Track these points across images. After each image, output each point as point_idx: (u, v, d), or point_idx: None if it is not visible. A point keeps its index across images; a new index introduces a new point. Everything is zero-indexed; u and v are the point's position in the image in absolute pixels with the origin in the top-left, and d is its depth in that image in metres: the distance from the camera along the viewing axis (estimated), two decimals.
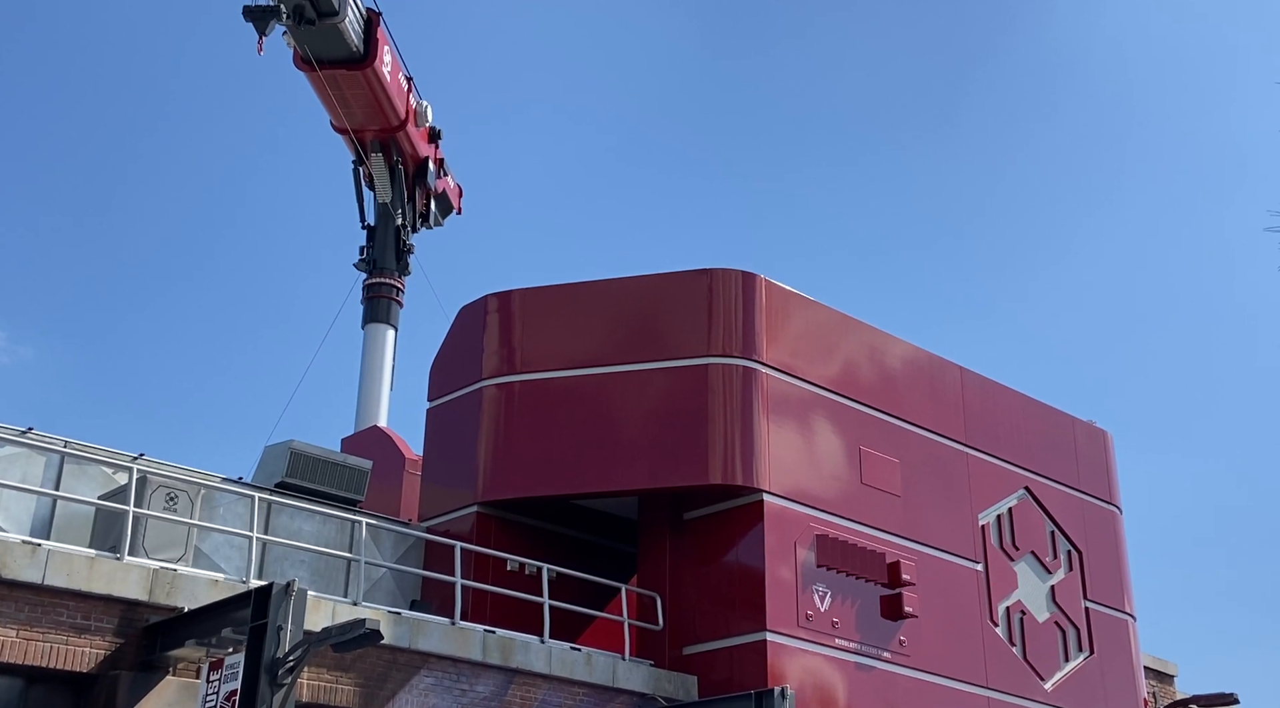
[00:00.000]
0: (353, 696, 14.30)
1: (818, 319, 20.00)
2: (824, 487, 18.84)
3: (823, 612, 18.00)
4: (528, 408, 19.04)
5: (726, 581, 17.91)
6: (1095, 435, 24.37)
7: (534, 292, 19.80)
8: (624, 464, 18.45)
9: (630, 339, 19.13)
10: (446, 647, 15.23)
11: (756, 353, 18.83)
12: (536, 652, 16.08)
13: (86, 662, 12.64)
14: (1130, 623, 23.26)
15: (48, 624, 12.49)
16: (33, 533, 14.79)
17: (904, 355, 21.08)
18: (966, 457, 21.36)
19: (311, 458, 17.89)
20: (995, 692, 20.06)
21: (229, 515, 16.35)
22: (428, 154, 30.73)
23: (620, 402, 18.76)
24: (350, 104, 28.25)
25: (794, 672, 17.19)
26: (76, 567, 12.75)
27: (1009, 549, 21.49)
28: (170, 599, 13.22)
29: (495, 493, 18.73)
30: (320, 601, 14.17)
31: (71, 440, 15.91)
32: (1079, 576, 22.54)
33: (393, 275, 30.54)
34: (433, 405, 20.27)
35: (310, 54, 26.88)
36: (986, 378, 22.44)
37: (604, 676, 16.63)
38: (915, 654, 18.98)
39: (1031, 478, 22.42)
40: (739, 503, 18.19)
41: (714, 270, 19.34)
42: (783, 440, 18.55)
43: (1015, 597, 21.26)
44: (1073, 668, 21.64)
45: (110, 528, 14.71)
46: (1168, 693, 26.60)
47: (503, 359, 19.50)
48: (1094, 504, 23.56)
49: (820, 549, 18.27)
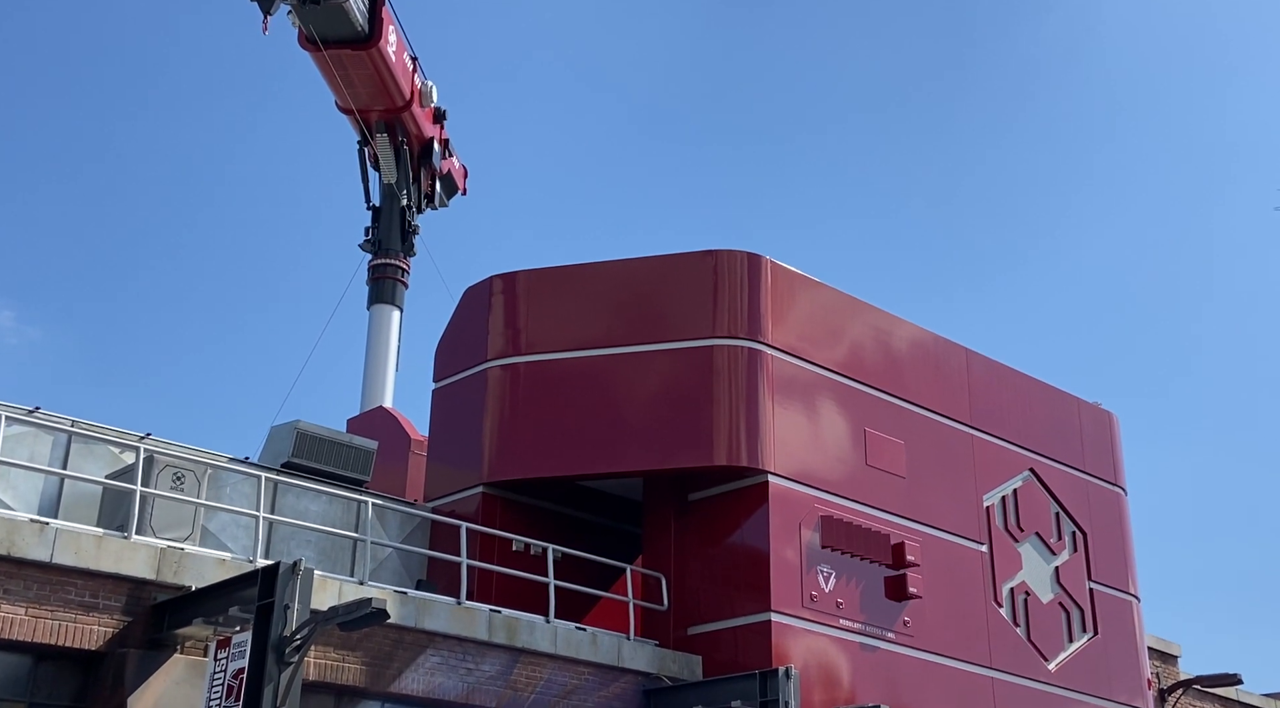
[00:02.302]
0: (359, 674, 14.36)
1: (823, 301, 19.98)
2: (829, 468, 18.86)
3: (827, 593, 18.05)
4: (533, 389, 19.06)
5: (731, 561, 17.96)
6: (1100, 417, 24.35)
7: (539, 273, 19.78)
8: (629, 445, 18.48)
9: (635, 320, 19.12)
10: (452, 626, 15.29)
11: (761, 334, 18.83)
12: (542, 632, 16.15)
13: (95, 639, 12.71)
14: (1134, 604, 23.30)
15: (56, 602, 12.56)
16: (41, 512, 14.84)
17: (909, 337, 21.07)
18: (971, 438, 21.36)
19: (317, 438, 17.93)
20: (999, 672, 20.11)
21: (236, 495, 16.41)
22: (433, 134, 30.66)
23: (625, 383, 18.78)
24: (355, 84, 28.18)
25: (798, 652, 17.25)
26: (84, 545, 12.81)
27: (1013, 531, 21.52)
28: (178, 578, 13.28)
29: (500, 474, 18.78)
30: (327, 580, 14.23)
31: (79, 420, 15.95)
32: (1083, 557, 22.56)
33: (398, 256, 30.53)
34: (438, 386, 20.30)
35: (315, 34, 26.79)
36: (992, 360, 22.42)
37: (609, 655, 16.70)
38: (919, 635, 19.04)
39: (1036, 459, 22.43)
40: (744, 484, 18.22)
41: (719, 252, 19.32)
42: (787, 422, 18.56)
43: (1020, 578, 21.29)
44: (1077, 649, 21.69)
45: (118, 507, 14.78)
46: (1171, 674, 26.65)
47: (508, 340, 19.52)
48: (1099, 486, 23.56)
49: (825, 530, 18.30)
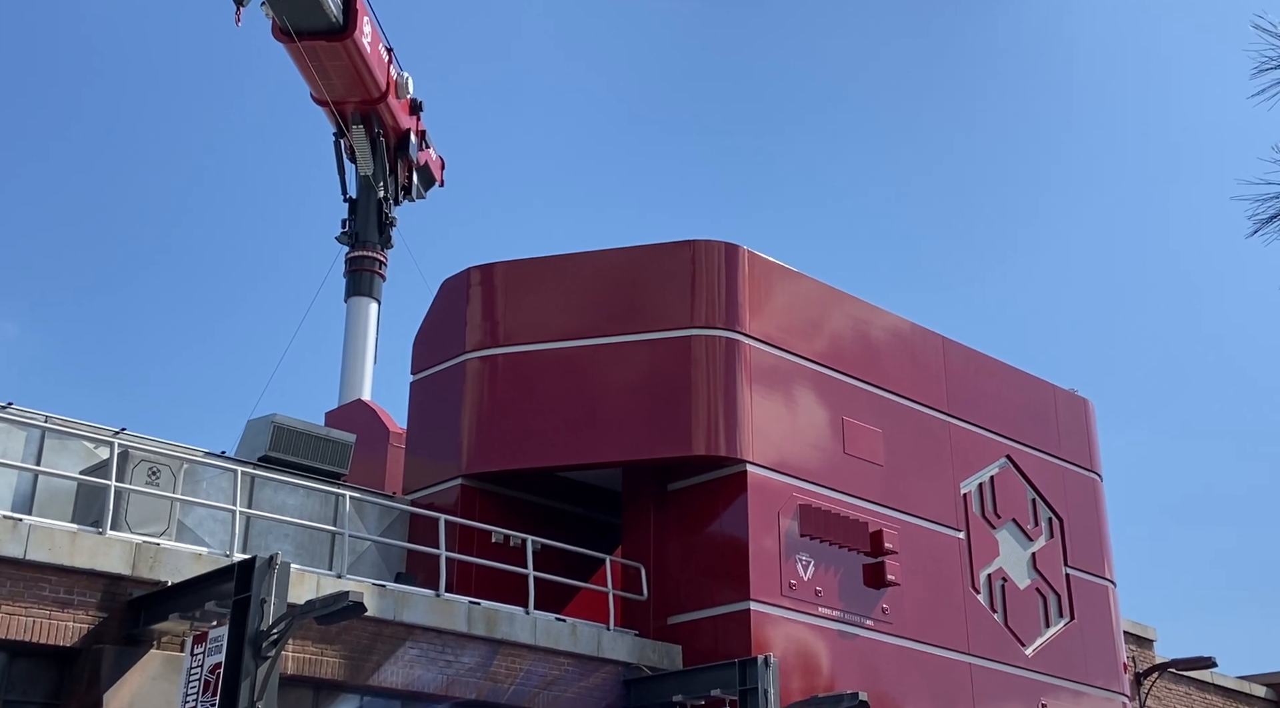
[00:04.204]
0: (338, 668, 14.34)
1: (800, 290, 20.01)
2: (807, 457, 18.91)
3: (806, 581, 18.10)
4: (511, 380, 19.03)
5: (710, 551, 17.99)
6: (1076, 404, 24.48)
7: (517, 264, 19.74)
8: (608, 436, 18.48)
9: (613, 311, 19.11)
10: (431, 619, 15.27)
11: (739, 324, 18.85)
12: (521, 623, 16.14)
13: (70, 636, 12.65)
14: (1110, 589, 23.46)
15: (31, 599, 12.49)
16: (14, 508, 14.74)
17: (886, 326, 21.12)
18: (948, 426, 21.45)
19: (295, 432, 17.86)
20: (977, 658, 20.23)
21: (212, 490, 16.34)
22: (409, 126, 30.53)
23: (604, 373, 18.77)
24: (330, 76, 28.04)
25: (777, 640, 17.30)
26: (59, 541, 12.74)
27: (990, 517, 21.62)
28: (153, 573, 13.22)
29: (479, 466, 18.75)
30: (304, 574, 14.20)
31: (52, 416, 15.85)
32: (1060, 542, 22.69)
33: (375, 249, 30.40)
34: (416, 378, 20.24)
35: (288, 25, 26.65)
36: (968, 347, 22.51)
37: (589, 646, 16.71)
38: (898, 622, 19.12)
39: (1013, 446, 22.53)
40: (722, 474, 18.25)
41: (696, 242, 19.32)
42: (766, 411, 18.59)
43: (997, 564, 21.41)
44: (1053, 634, 21.82)
45: (92, 503, 14.69)
46: (1147, 657, 26.85)
47: (485, 332, 19.48)
48: (1075, 472, 23.69)
49: (803, 519, 18.35)
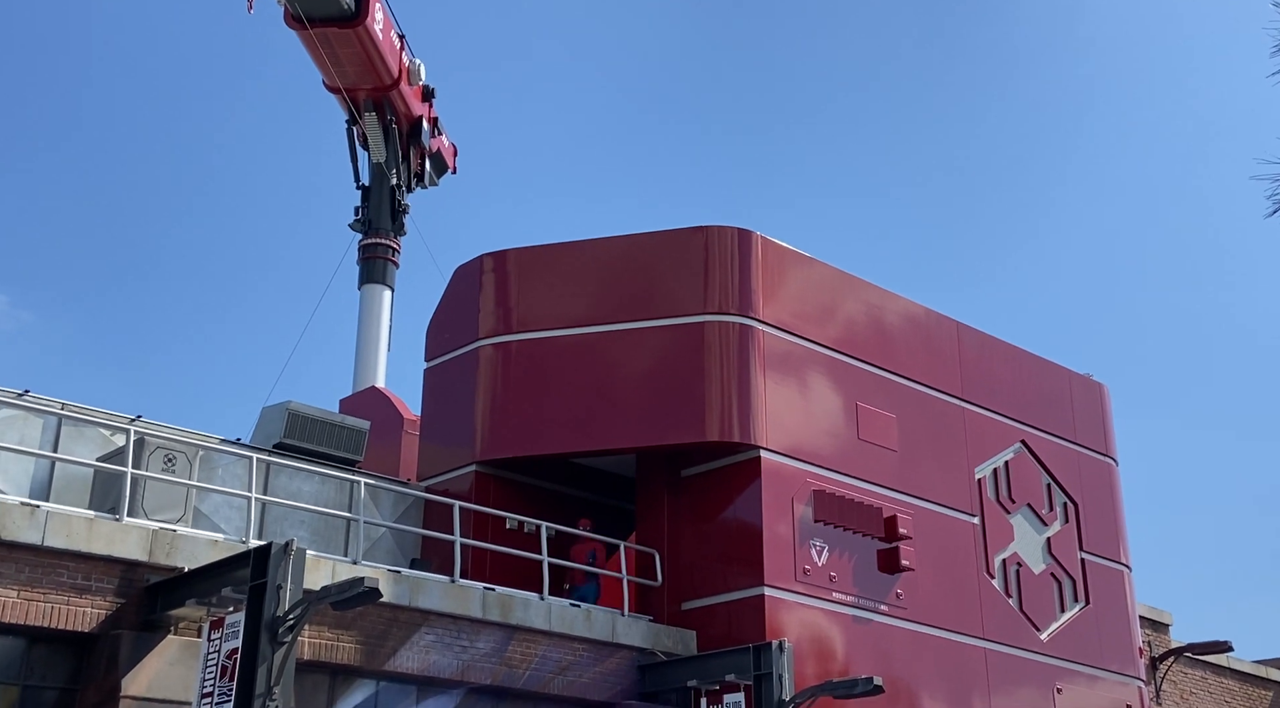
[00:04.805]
0: (354, 653, 14.41)
1: (814, 276, 19.96)
2: (821, 443, 18.90)
3: (820, 566, 18.11)
4: (524, 367, 19.05)
5: (724, 536, 18.00)
6: (1091, 388, 24.40)
7: (529, 251, 19.74)
8: (621, 422, 18.49)
9: (626, 297, 19.10)
10: (446, 604, 15.32)
11: (753, 310, 18.82)
12: (536, 609, 16.19)
13: (88, 622, 12.73)
14: (1125, 573, 23.41)
15: (49, 585, 12.57)
16: (32, 495, 14.83)
17: (900, 311, 21.07)
18: (963, 411, 21.40)
19: (309, 419, 17.91)
20: (992, 643, 20.21)
21: (228, 477, 16.41)
22: (421, 113, 30.52)
23: (617, 360, 18.78)
24: (342, 63, 28.03)
25: (792, 626, 17.32)
26: (76, 528, 12.81)
27: (1005, 502, 21.59)
28: (170, 560, 13.30)
29: (493, 452, 18.79)
30: (320, 560, 14.25)
31: (69, 403, 15.93)
32: (1075, 527, 22.65)
33: (388, 236, 30.44)
34: (430, 365, 20.28)
35: (301, 12, 26.64)
36: (982, 333, 22.44)
37: (603, 631, 16.75)
38: (912, 607, 19.11)
39: (1027, 431, 22.48)
40: (736, 460, 18.25)
41: (710, 228, 19.29)
42: (779, 397, 18.58)
43: (1011, 549, 21.38)
44: (1068, 619, 21.80)
45: (109, 490, 14.76)
46: (1163, 642, 26.80)
47: (499, 319, 19.49)
48: (1090, 457, 23.63)
49: (817, 504, 18.35)
